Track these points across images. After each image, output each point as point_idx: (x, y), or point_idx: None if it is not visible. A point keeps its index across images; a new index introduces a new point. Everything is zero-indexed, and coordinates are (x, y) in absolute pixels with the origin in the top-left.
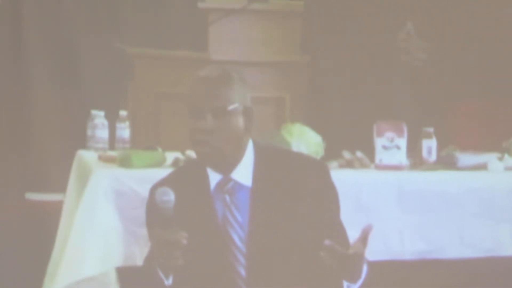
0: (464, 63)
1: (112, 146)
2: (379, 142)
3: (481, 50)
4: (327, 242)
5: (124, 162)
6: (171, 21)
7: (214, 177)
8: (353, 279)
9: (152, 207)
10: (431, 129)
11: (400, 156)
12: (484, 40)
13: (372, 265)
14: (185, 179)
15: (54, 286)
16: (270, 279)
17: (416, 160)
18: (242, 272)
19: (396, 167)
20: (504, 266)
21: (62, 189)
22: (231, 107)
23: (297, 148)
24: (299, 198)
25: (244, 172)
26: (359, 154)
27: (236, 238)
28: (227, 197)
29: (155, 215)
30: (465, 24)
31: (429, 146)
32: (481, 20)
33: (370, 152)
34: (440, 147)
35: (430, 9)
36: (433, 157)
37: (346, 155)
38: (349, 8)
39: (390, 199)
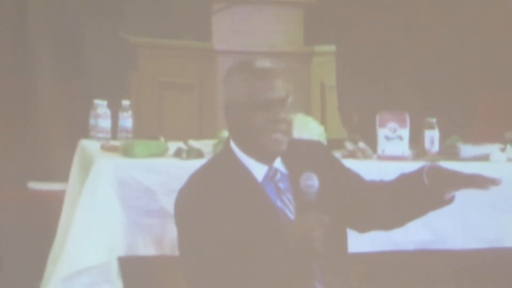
0: (465, 54)
1: (114, 136)
2: (381, 132)
3: (484, 41)
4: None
5: (127, 152)
6: (175, 10)
7: (258, 168)
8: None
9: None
10: (433, 120)
11: (402, 147)
12: (487, 31)
13: (376, 255)
14: (221, 172)
15: (56, 275)
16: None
17: (418, 151)
18: None
19: (399, 158)
20: (507, 257)
21: (65, 178)
22: (292, 98)
23: None
24: (323, 173)
25: (279, 160)
26: (361, 144)
27: None
28: (281, 185)
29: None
30: (469, 15)
31: (432, 137)
32: (485, 11)
33: (372, 142)
34: (442, 138)
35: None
36: (436, 147)
37: (349, 145)
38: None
39: None
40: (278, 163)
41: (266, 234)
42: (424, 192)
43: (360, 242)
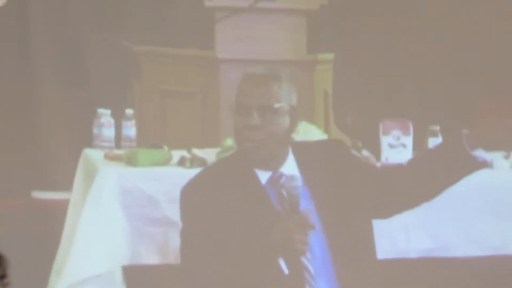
0: (468, 62)
1: (118, 145)
2: (385, 140)
3: (486, 48)
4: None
5: (130, 161)
6: (178, 18)
7: (262, 173)
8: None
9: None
10: (437, 127)
11: (406, 155)
12: (490, 38)
13: (378, 263)
14: (229, 171)
15: (59, 284)
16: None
17: None
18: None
19: None
20: (510, 265)
21: (68, 187)
22: (277, 105)
23: None
24: (342, 177)
25: (291, 167)
26: (365, 152)
27: None
28: (284, 192)
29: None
30: (471, 23)
31: (435, 144)
32: (487, 18)
33: (376, 150)
34: None
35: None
36: None
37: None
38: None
39: None
40: (289, 168)
41: (258, 237)
42: (460, 159)
43: None
